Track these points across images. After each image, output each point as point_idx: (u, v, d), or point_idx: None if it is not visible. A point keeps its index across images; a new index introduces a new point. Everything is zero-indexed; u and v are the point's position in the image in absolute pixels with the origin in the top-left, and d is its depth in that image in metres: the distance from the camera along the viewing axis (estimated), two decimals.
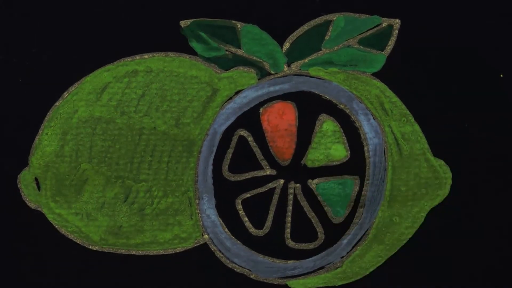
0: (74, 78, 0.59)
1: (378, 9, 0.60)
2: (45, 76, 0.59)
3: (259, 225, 0.59)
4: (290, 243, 0.59)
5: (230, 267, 0.58)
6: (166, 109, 0.58)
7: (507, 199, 0.59)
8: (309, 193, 0.58)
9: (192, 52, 0.59)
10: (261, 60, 0.59)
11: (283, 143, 0.58)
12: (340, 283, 0.59)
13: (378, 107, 0.59)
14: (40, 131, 0.59)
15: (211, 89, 0.59)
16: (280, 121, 0.58)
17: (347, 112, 0.59)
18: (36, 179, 0.59)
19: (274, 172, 0.59)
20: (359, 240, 0.59)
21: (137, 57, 0.59)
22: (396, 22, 0.59)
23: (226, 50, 0.59)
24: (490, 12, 0.60)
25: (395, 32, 0.59)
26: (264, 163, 0.58)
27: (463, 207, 0.59)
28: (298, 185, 0.58)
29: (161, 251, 0.58)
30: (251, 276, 0.59)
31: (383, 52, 0.59)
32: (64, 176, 0.58)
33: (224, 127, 0.59)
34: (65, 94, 0.59)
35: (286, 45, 0.59)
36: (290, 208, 0.58)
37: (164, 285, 0.58)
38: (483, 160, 0.59)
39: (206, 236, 0.58)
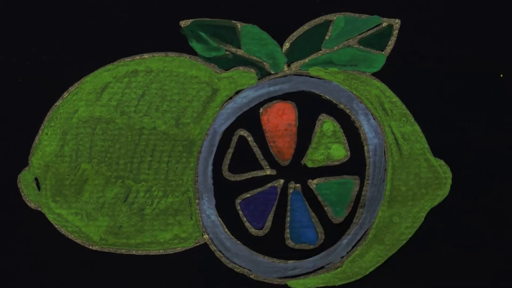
0: (74, 78, 0.59)
1: (378, 9, 0.60)
2: (45, 76, 0.59)
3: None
4: (290, 243, 0.59)
5: (230, 267, 0.58)
6: (166, 109, 0.58)
7: (507, 199, 0.59)
8: (309, 193, 0.58)
9: (192, 52, 0.59)
10: (261, 60, 0.59)
11: (283, 143, 0.58)
12: (340, 283, 0.59)
13: (378, 107, 0.59)
14: (40, 131, 0.59)
15: (211, 89, 0.59)
16: (280, 121, 0.58)
17: (347, 112, 0.59)
18: (36, 179, 0.58)
19: (274, 172, 0.58)
20: (359, 240, 0.59)
21: (137, 57, 0.59)
22: (396, 22, 0.59)
23: (226, 50, 0.59)
24: (490, 12, 0.60)
25: (395, 32, 0.59)
26: (264, 163, 0.58)
27: (463, 207, 0.59)
28: (298, 185, 0.58)
29: (161, 251, 0.58)
30: (251, 276, 0.59)
31: (383, 52, 0.59)
32: (64, 176, 0.58)
33: (224, 127, 0.59)
34: (65, 94, 0.59)
35: (286, 45, 0.59)
36: (290, 208, 0.58)
37: (164, 285, 0.58)
38: (483, 160, 0.59)
39: (206, 236, 0.58)
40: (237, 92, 0.59)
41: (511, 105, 0.59)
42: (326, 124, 0.59)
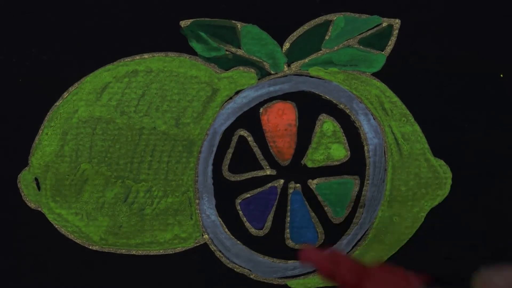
0: (74, 78, 0.59)
1: (378, 9, 0.60)
2: (45, 76, 0.59)
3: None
4: (290, 243, 0.59)
5: (230, 267, 0.58)
6: (166, 109, 0.59)
7: (507, 199, 0.59)
8: (309, 193, 0.58)
9: (192, 52, 0.59)
10: (261, 60, 0.59)
11: (283, 143, 0.58)
12: None
13: (378, 107, 0.59)
14: (40, 131, 0.59)
15: (211, 89, 0.59)
16: (280, 121, 0.59)
17: (347, 112, 0.59)
18: (36, 179, 0.58)
19: (274, 172, 0.58)
20: (359, 240, 0.59)
21: (137, 57, 0.59)
22: (396, 22, 0.59)
23: (226, 50, 0.59)
24: (490, 12, 0.60)
25: (395, 32, 0.59)
26: (264, 163, 0.58)
27: (463, 207, 0.59)
28: (298, 185, 0.58)
29: (161, 251, 0.58)
30: (251, 276, 0.59)
31: (383, 52, 0.59)
32: (64, 176, 0.58)
33: (224, 127, 0.59)
34: (65, 94, 0.59)
35: (286, 45, 0.59)
36: (290, 208, 0.58)
37: (164, 285, 0.58)
38: (483, 160, 0.59)
39: (206, 236, 0.58)
40: (237, 92, 0.59)
41: (511, 105, 0.59)
42: (326, 124, 0.59)
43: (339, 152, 0.58)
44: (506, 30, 0.59)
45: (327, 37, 0.59)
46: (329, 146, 0.58)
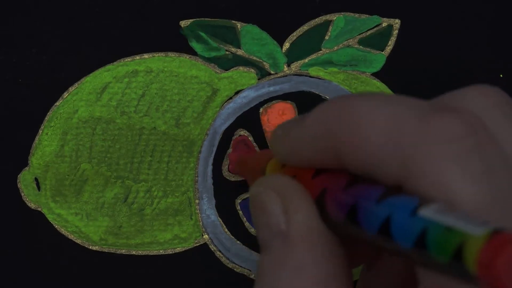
0: (74, 78, 0.59)
1: (378, 9, 0.60)
2: (45, 76, 0.59)
3: None
4: None
5: (230, 267, 0.58)
6: (166, 109, 0.59)
7: None
8: None
9: (192, 52, 0.59)
10: (261, 60, 0.59)
11: None
12: None
13: None
14: (40, 131, 0.59)
15: (211, 89, 0.59)
16: (280, 121, 0.58)
17: None
18: (36, 179, 0.58)
19: None
20: None
21: (137, 57, 0.59)
22: (396, 22, 0.59)
23: (226, 50, 0.60)
24: (490, 12, 0.60)
25: (395, 32, 0.59)
26: None
27: None
28: None
29: (161, 251, 0.58)
30: (251, 276, 0.59)
31: (383, 52, 0.59)
32: (64, 176, 0.58)
33: (224, 127, 0.59)
34: (65, 94, 0.59)
35: (286, 45, 0.59)
36: None
37: (164, 285, 0.58)
38: None
39: (206, 236, 0.58)
40: (237, 92, 0.59)
41: None
42: None
43: None
44: (506, 30, 0.59)
45: (327, 37, 0.59)
46: None
